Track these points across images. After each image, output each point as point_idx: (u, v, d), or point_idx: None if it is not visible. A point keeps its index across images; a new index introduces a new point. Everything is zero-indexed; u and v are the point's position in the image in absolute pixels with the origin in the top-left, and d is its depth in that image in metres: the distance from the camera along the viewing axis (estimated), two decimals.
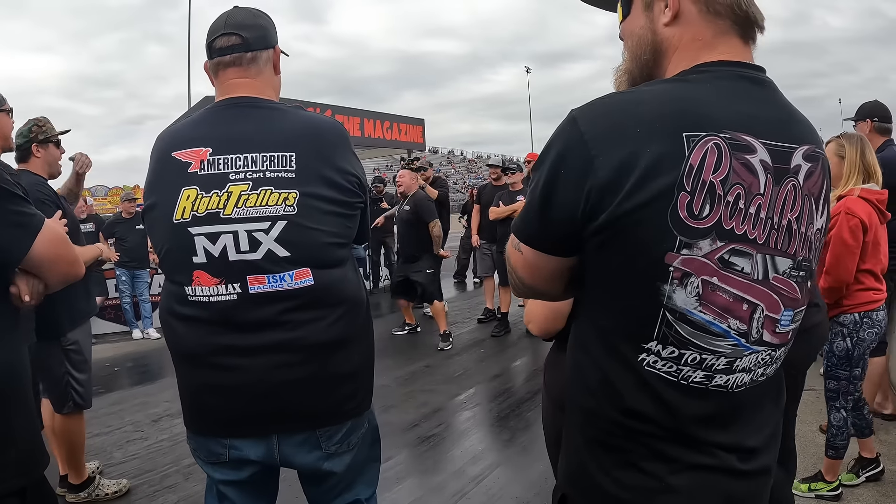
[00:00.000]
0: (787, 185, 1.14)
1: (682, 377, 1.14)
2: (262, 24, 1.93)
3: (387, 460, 4.25)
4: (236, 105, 1.86)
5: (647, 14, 1.25)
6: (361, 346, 1.94)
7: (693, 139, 1.06)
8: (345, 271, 1.88)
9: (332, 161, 1.83)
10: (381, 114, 14.60)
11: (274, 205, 1.74)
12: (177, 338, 1.86)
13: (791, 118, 1.20)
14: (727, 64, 1.18)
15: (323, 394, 1.82)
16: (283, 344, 1.76)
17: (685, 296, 1.10)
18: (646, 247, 1.09)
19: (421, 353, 7.51)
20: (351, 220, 1.89)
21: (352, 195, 1.86)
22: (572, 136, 1.12)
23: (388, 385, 6.10)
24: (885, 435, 4.36)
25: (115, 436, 4.89)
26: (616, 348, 1.18)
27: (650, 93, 1.15)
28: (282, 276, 1.74)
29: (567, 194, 1.12)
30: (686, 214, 1.06)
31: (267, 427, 1.81)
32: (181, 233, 1.75)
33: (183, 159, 1.79)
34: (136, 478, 4.19)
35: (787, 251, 1.15)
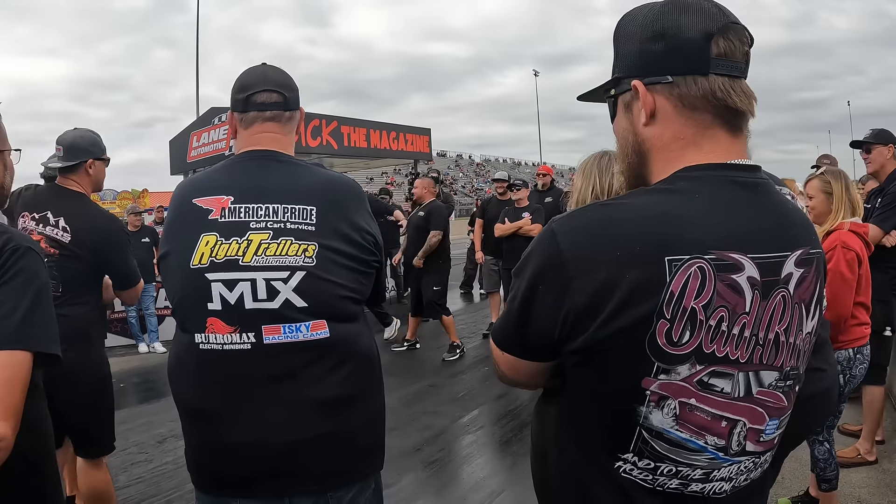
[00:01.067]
0: (776, 298, 1.11)
1: (658, 485, 1.14)
2: (295, 86, 2.00)
3: (389, 486, 4.27)
4: (259, 157, 1.89)
5: (627, 116, 1.22)
6: (372, 405, 1.93)
7: (675, 263, 1.03)
8: (360, 327, 1.89)
9: (349, 218, 1.85)
10: (388, 124, 14.58)
11: (294, 255, 1.74)
12: (184, 391, 1.85)
13: (783, 224, 1.16)
14: (716, 168, 1.13)
15: (333, 453, 1.80)
16: (295, 398, 1.75)
17: (662, 416, 1.09)
18: (622, 371, 1.08)
19: (425, 370, 7.51)
20: (366, 278, 1.90)
21: (368, 253, 1.88)
22: (551, 253, 1.11)
23: (391, 406, 6.00)
24: (889, 464, 4.35)
25: (120, 458, 4.89)
26: (592, 454, 1.18)
27: (633, 208, 1.11)
28: (298, 326, 1.73)
29: (544, 314, 1.12)
30: (664, 342, 1.04)
31: (278, 487, 1.79)
32: (198, 278, 1.75)
33: (204, 206, 1.80)
34: (139, 503, 4.22)
35: (774, 364, 1.13)
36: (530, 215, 7.87)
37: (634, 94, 1.18)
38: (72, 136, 3.31)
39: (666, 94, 1.14)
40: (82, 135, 3.33)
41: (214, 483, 1.86)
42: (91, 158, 3.28)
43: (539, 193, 8.99)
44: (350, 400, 1.82)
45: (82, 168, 3.27)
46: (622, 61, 1.20)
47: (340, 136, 13.10)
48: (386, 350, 8.21)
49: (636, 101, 1.18)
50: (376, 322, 8.22)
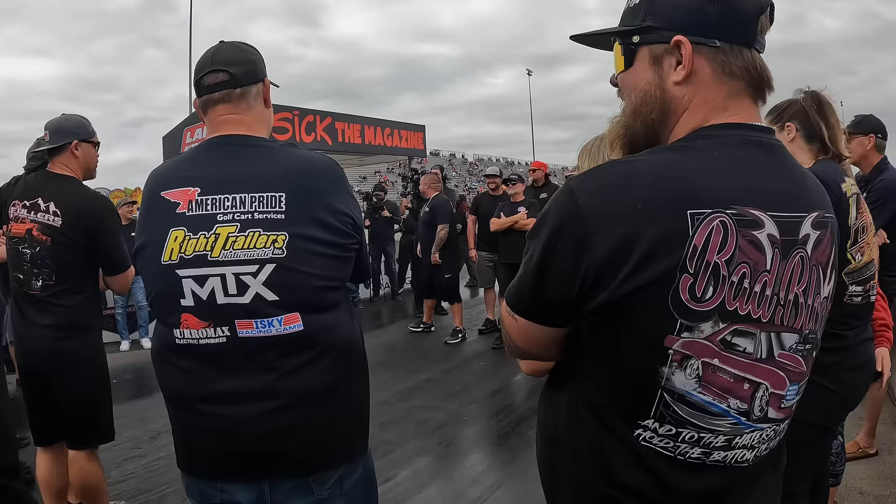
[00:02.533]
0: (795, 258, 1.10)
1: (679, 453, 1.12)
2: (250, 59, 1.90)
3: (386, 481, 4.27)
4: (226, 143, 1.83)
5: (656, 69, 1.17)
6: (354, 392, 1.90)
7: (698, 217, 1.02)
8: (337, 315, 1.83)
9: (324, 201, 1.78)
10: (382, 121, 14.52)
11: (262, 247, 1.69)
12: (167, 380, 1.83)
13: (799, 185, 1.16)
14: (734, 127, 1.13)
15: (314, 441, 1.78)
16: (273, 391, 1.72)
17: (684, 378, 1.07)
18: (645, 329, 1.06)
19: (421, 365, 7.47)
20: (344, 262, 1.84)
21: (345, 237, 1.81)
22: (569, 210, 1.08)
23: (387, 401, 6.06)
24: (889, 455, 4.34)
25: (113, 453, 4.84)
26: (610, 423, 1.15)
27: (653, 164, 1.09)
28: (270, 321, 1.69)
29: (563, 273, 1.09)
30: (688, 297, 1.03)
31: (257, 473, 1.77)
32: (169, 275, 1.72)
33: (171, 199, 1.76)
34: (133, 498, 4.17)
35: (794, 326, 1.12)
36: (526, 210, 7.85)
37: (671, 49, 1.14)
38: (57, 119, 3.27)
39: (709, 58, 1.13)
40: (67, 118, 3.29)
41: (197, 466, 1.85)
42: (76, 140, 3.22)
43: (534, 189, 8.95)
44: (328, 390, 1.79)
45: (68, 150, 3.21)
46: (661, 12, 1.15)
47: (335, 131, 13.04)
48: (386, 345, 8.20)
49: (671, 56, 1.14)
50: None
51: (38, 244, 3.08)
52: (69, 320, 3.14)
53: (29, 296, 3.14)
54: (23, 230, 3.11)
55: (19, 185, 3.27)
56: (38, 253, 3.08)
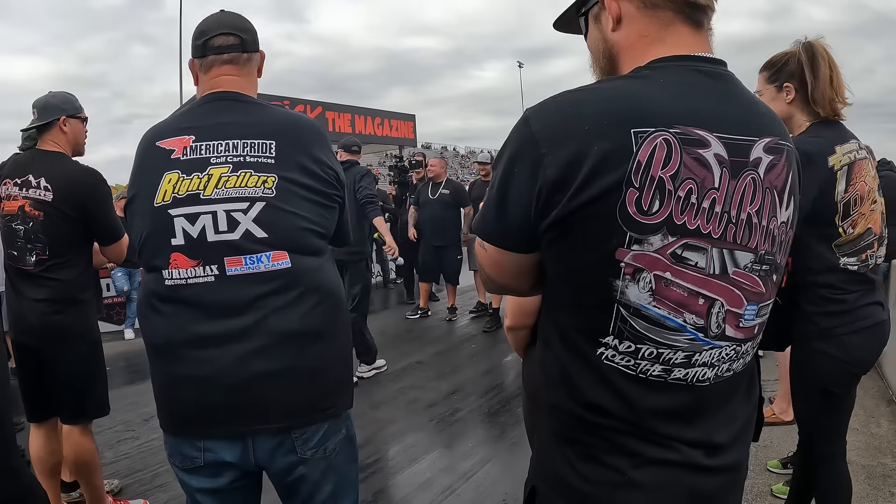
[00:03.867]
0: (746, 179, 1.14)
1: (640, 370, 1.15)
2: (253, 28, 2.02)
3: (378, 456, 4.31)
4: (221, 98, 1.92)
5: (597, 26, 1.30)
6: (337, 342, 1.94)
7: (641, 135, 1.07)
8: (322, 262, 1.90)
9: (310, 152, 1.88)
10: (372, 110, 14.56)
11: (253, 186, 1.78)
12: (152, 328, 1.86)
13: (750, 111, 1.20)
14: (681, 59, 1.18)
15: (297, 388, 1.81)
16: (258, 330, 1.76)
17: (638, 291, 1.11)
18: (596, 243, 1.10)
19: (413, 348, 7.52)
20: (329, 212, 1.92)
21: (329, 186, 1.91)
22: (524, 135, 1.15)
23: (378, 382, 6.11)
24: (876, 428, 4.40)
25: (107, 435, 4.87)
26: (574, 343, 1.19)
27: (600, 90, 1.17)
28: (259, 256, 1.76)
29: (521, 193, 1.14)
30: (635, 210, 1.07)
31: (241, 424, 1.79)
32: (161, 215, 1.79)
33: (167, 147, 1.84)
34: (126, 477, 4.20)
35: (748, 245, 1.15)
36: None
37: (601, 5, 1.26)
38: (45, 97, 3.30)
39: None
40: (54, 94, 3.32)
41: (178, 422, 1.87)
42: (63, 116, 3.25)
43: None
44: (314, 335, 1.84)
45: (56, 126, 3.24)
46: None
47: (325, 121, 13.04)
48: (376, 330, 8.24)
49: (603, 11, 1.26)
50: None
51: (31, 219, 3.11)
52: (63, 294, 3.16)
53: (23, 272, 3.17)
54: (15, 207, 3.14)
55: (9, 164, 3.30)
56: (30, 228, 3.11)
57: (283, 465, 1.86)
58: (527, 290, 1.34)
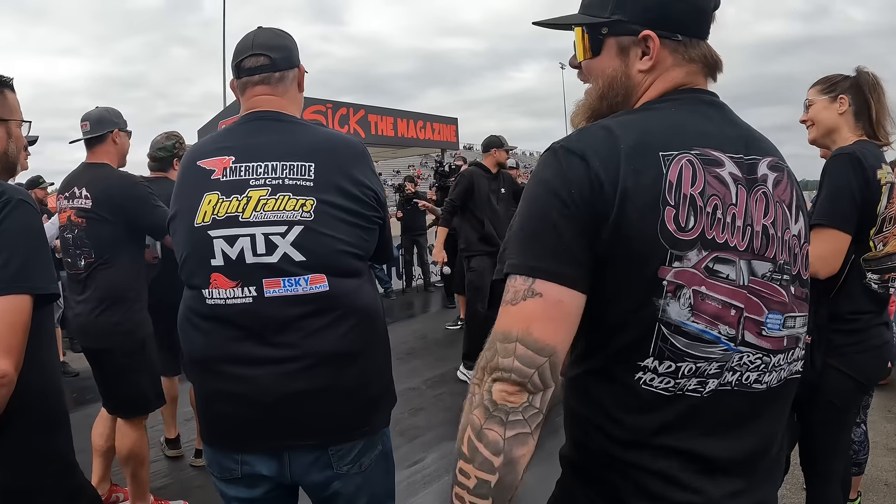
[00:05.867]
0: (758, 193, 1.19)
1: (679, 388, 1.15)
2: (287, 45, 2.01)
3: (414, 464, 4.29)
4: (260, 118, 1.93)
5: (622, 58, 1.28)
6: (374, 362, 1.93)
7: (667, 158, 1.13)
8: (361, 283, 1.89)
9: (349, 173, 1.87)
10: (415, 113, 14.62)
11: (291, 210, 1.78)
12: (192, 344, 1.89)
13: (751, 135, 1.27)
14: (685, 91, 1.26)
15: (333, 408, 1.81)
16: (296, 352, 1.77)
17: (678, 308, 1.12)
18: (640, 263, 1.11)
19: (453, 355, 7.43)
20: (368, 234, 1.91)
21: (369, 208, 1.90)
22: (566, 161, 1.14)
23: (417, 388, 6.11)
24: None
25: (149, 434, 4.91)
26: (610, 371, 1.18)
27: (622, 124, 1.19)
28: (297, 279, 1.77)
29: (573, 219, 1.12)
30: (674, 227, 1.10)
31: (277, 441, 1.81)
32: (201, 236, 1.81)
33: (207, 167, 1.86)
34: (165, 476, 4.29)
35: (766, 255, 1.18)
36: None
37: (638, 42, 1.25)
38: (97, 110, 3.48)
39: (670, 49, 1.25)
40: (107, 108, 3.51)
41: (217, 436, 1.90)
42: (116, 129, 3.44)
43: None
44: (350, 356, 1.84)
45: (109, 138, 3.42)
46: (630, 7, 1.25)
47: (368, 124, 13.15)
48: (417, 334, 8.23)
49: (637, 47, 1.26)
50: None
51: (76, 227, 3.31)
52: (107, 293, 3.31)
53: (75, 276, 3.37)
54: (65, 218, 3.36)
55: (63, 181, 3.52)
56: (77, 235, 3.30)
57: (318, 480, 1.86)
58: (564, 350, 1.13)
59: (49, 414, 1.81)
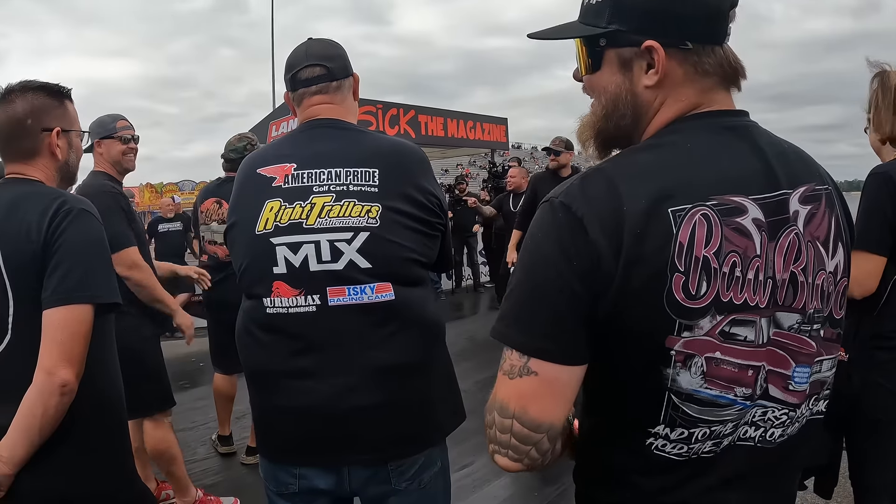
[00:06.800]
0: (789, 237, 1.06)
1: (693, 453, 1.07)
2: (342, 54, 1.98)
3: (463, 467, 4.25)
4: (320, 126, 1.90)
5: (625, 73, 1.14)
6: (437, 374, 1.89)
7: (679, 214, 0.99)
8: (424, 292, 1.85)
9: (413, 180, 1.83)
10: (465, 113, 14.58)
11: (357, 216, 1.73)
12: (251, 356, 1.85)
13: (781, 163, 1.10)
14: (703, 116, 1.11)
15: (396, 422, 1.77)
16: (360, 362, 1.73)
17: (690, 377, 1.03)
18: (645, 334, 1.02)
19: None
20: (431, 241, 1.86)
21: (433, 215, 1.85)
22: (563, 222, 1.04)
23: (467, 389, 5.92)
24: None
25: (199, 431, 5.01)
26: (621, 431, 1.11)
27: (626, 168, 1.07)
28: (362, 287, 1.72)
29: (568, 287, 1.03)
30: (683, 296, 0.99)
31: (337, 455, 1.77)
32: (263, 244, 1.76)
33: (268, 175, 1.82)
34: (217, 474, 4.32)
35: (794, 306, 1.07)
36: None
37: (641, 53, 1.10)
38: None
39: (680, 59, 1.09)
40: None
41: (275, 449, 1.86)
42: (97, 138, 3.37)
43: None
44: (414, 368, 1.79)
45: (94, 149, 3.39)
46: (629, 13, 1.10)
47: (418, 124, 13.16)
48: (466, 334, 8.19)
49: (641, 59, 1.11)
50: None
51: None
52: None
53: None
54: None
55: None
56: None
57: (376, 494, 1.82)
58: (564, 415, 1.11)
59: (109, 420, 1.84)
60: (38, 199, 1.73)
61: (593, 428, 1.17)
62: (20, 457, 1.62)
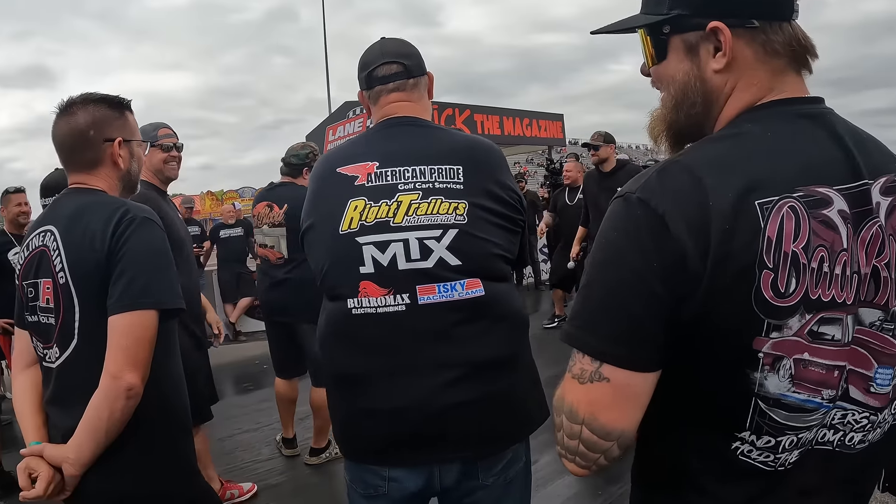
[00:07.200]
0: (871, 229, 1.00)
1: (780, 464, 1.01)
2: (416, 52, 1.97)
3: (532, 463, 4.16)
4: (399, 123, 1.88)
5: (692, 59, 1.09)
6: (525, 368, 1.85)
7: (766, 206, 0.94)
8: (510, 287, 1.83)
9: (495, 176, 1.81)
10: (520, 111, 14.50)
11: (445, 213, 1.72)
12: (337, 357, 1.83)
13: (861, 151, 1.03)
14: (781, 103, 1.05)
15: (488, 417, 1.73)
16: (451, 360, 1.70)
17: (777, 381, 0.98)
18: (732, 336, 0.97)
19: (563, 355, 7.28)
20: (514, 236, 1.84)
21: (514, 211, 1.83)
22: (643, 218, 0.98)
23: None
24: None
25: (264, 433, 5.07)
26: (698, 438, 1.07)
27: (707, 159, 1.01)
28: (453, 284, 1.70)
29: (647, 289, 0.97)
30: (772, 294, 0.94)
31: (430, 455, 1.73)
32: (348, 243, 1.74)
33: (349, 174, 1.80)
34: (281, 474, 4.34)
35: (875, 301, 1.01)
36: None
37: (707, 37, 1.06)
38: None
39: (748, 39, 1.05)
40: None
41: (364, 451, 1.83)
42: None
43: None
44: (505, 361, 1.76)
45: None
46: None
47: (474, 123, 13.12)
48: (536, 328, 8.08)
49: (707, 42, 1.07)
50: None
51: None
52: None
53: None
54: None
55: None
56: None
57: (462, 490, 1.80)
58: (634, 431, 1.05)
59: (173, 423, 1.87)
60: (102, 208, 1.77)
61: (664, 430, 1.10)
62: (87, 458, 1.67)
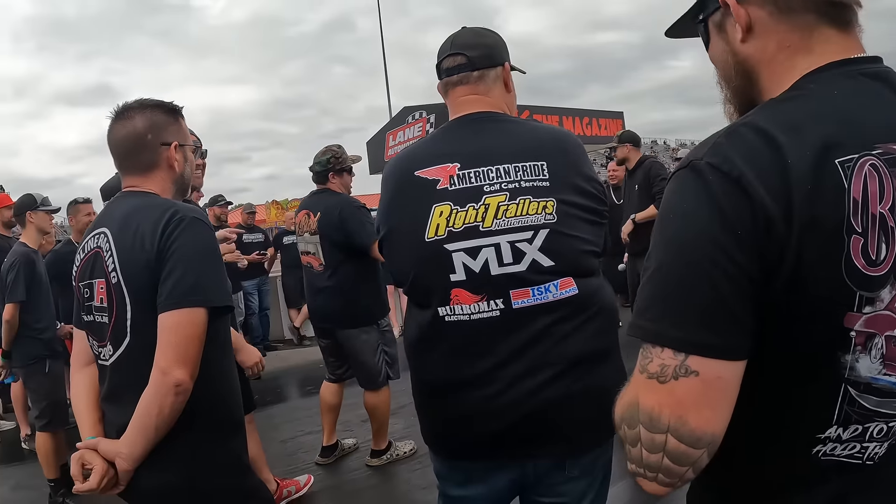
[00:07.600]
0: None
1: (868, 456, 0.93)
2: (488, 43, 1.91)
3: None
4: (474, 120, 1.83)
5: (722, 36, 1.10)
6: (616, 359, 1.82)
7: (847, 165, 0.86)
8: (601, 281, 1.80)
9: (578, 168, 1.77)
10: (580, 110, 14.41)
11: (534, 213, 1.67)
12: (429, 368, 1.83)
13: None
14: (840, 64, 0.97)
15: (582, 413, 1.69)
16: (546, 360, 1.67)
17: (869, 362, 0.89)
18: (820, 315, 0.88)
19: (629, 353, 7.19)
20: (600, 229, 1.79)
21: (599, 203, 1.79)
22: (717, 186, 0.89)
23: None
24: None
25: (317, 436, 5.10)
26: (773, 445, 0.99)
27: (778, 116, 0.93)
28: (546, 286, 1.67)
29: (732, 266, 0.88)
30: (863, 262, 0.85)
31: (526, 452, 1.73)
32: (436, 251, 1.71)
33: (429, 177, 1.75)
34: (341, 475, 4.44)
35: None
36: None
37: (725, 11, 1.06)
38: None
39: (759, 3, 1.01)
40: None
41: (456, 452, 1.84)
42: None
43: None
44: (599, 356, 1.74)
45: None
46: None
47: None
48: None
49: (728, 17, 1.06)
50: None
51: None
52: None
53: None
54: None
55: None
56: None
57: (549, 483, 1.79)
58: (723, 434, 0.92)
59: (223, 418, 1.90)
60: (151, 210, 1.81)
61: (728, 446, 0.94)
62: (139, 453, 1.72)
